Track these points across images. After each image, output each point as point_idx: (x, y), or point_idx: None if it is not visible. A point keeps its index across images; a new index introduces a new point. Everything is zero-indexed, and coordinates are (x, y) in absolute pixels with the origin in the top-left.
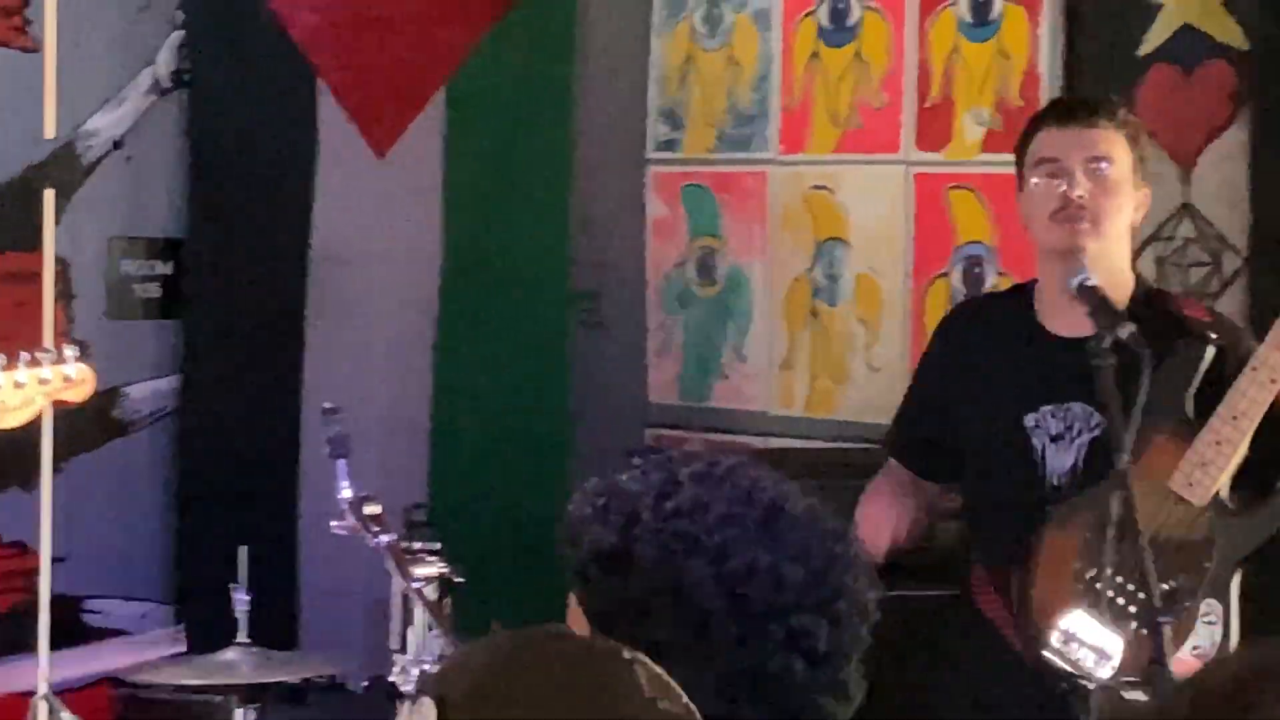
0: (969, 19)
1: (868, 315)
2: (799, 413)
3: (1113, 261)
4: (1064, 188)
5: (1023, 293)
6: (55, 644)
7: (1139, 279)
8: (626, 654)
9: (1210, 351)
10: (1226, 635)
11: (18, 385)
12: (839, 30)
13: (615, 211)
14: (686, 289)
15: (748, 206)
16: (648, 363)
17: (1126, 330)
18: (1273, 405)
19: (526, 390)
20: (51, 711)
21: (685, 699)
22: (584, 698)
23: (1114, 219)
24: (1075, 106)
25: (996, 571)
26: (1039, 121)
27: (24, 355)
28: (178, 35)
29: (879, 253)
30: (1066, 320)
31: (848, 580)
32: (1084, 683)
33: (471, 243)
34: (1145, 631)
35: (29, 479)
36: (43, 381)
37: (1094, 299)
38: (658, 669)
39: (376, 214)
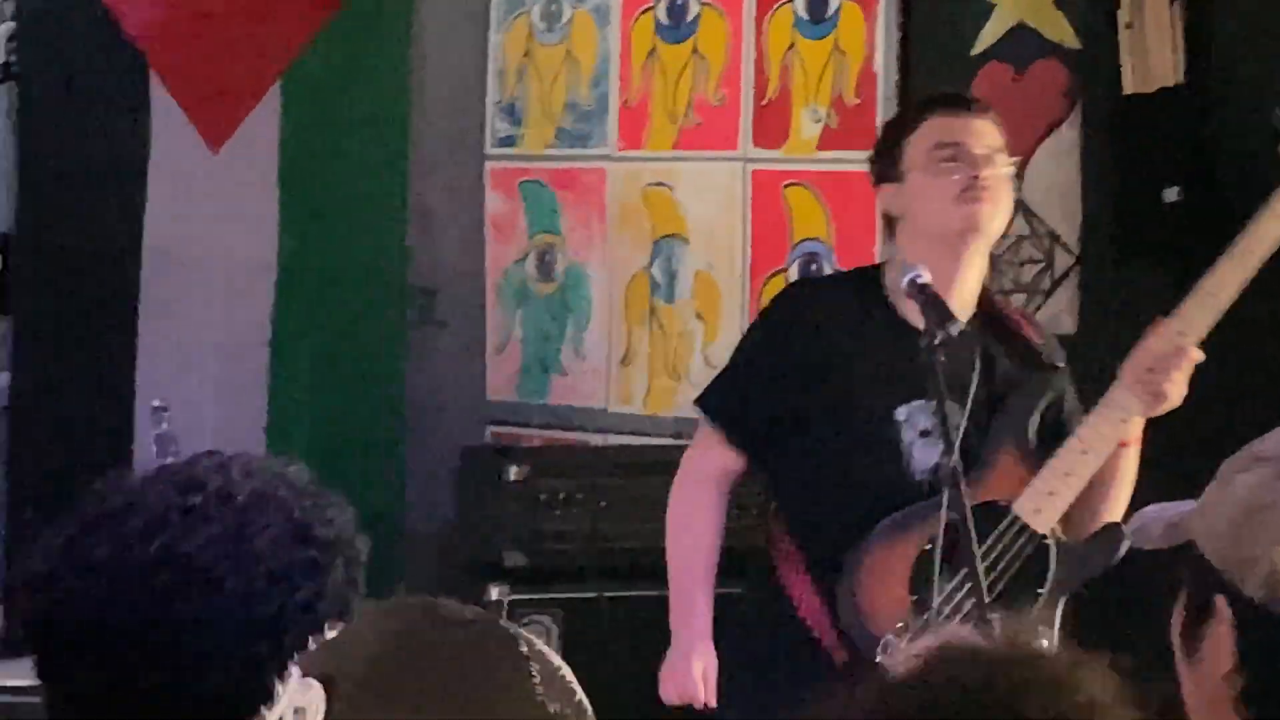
0: (805, 16)
1: (706, 312)
2: (638, 410)
3: (985, 257)
4: (969, 170)
5: (868, 279)
6: None
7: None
8: (522, 646)
9: (1059, 383)
10: None
11: None
12: (677, 26)
13: (453, 207)
14: (525, 286)
15: (586, 203)
16: (486, 360)
17: (956, 328)
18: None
19: (363, 388)
20: None
21: (579, 696)
22: (475, 700)
23: (1006, 206)
24: (964, 99)
25: (823, 568)
26: (923, 111)
27: None
28: (5, 27)
29: (717, 250)
30: None
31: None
32: None
33: (307, 239)
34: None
35: None
36: None
37: (925, 295)
38: (551, 660)
39: (210, 209)
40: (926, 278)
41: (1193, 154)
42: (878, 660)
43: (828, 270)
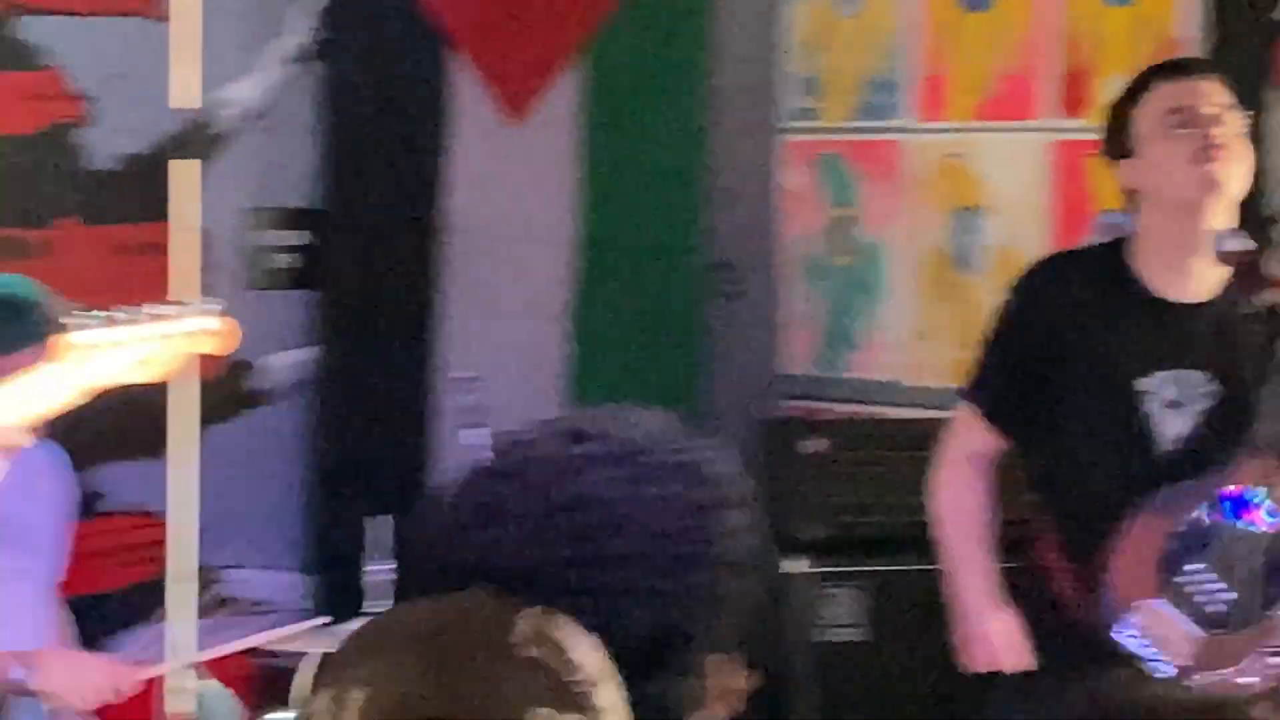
0: None
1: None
2: (935, 383)
3: (1228, 218)
4: (1201, 131)
5: (1113, 251)
6: (196, 614)
7: None
8: (525, 612)
9: None
10: None
11: (153, 338)
12: None
13: (749, 181)
14: (822, 259)
15: (884, 175)
16: (783, 334)
17: (1270, 299)
18: None
19: (661, 361)
20: (190, 681)
21: (574, 654)
22: (440, 646)
23: (1244, 165)
24: (1188, 61)
25: (1075, 540)
26: (1147, 81)
27: (160, 307)
28: (313, 4)
29: (1017, 221)
30: (1181, 282)
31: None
32: (1148, 669)
33: (605, 212)
34: (1231, 635)
35: (163, 449)
36: (186, 335)
37: (1242, 261)
38: (560, 618)
39: (510, 183)
40: (1239, 245)
41: None
42: (1114, 636)
43: None
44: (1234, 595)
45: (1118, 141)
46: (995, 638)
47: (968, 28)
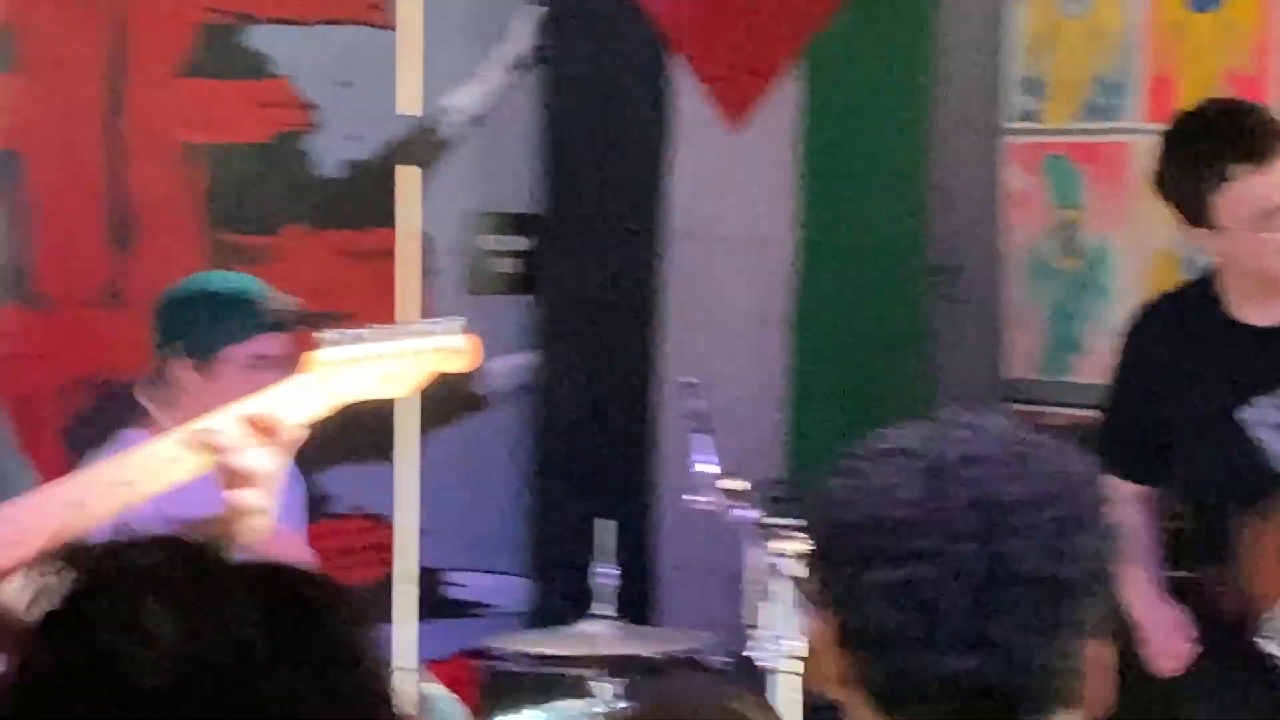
0: None
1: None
2: None
3: None
4: None
5: (1204, 286)
6: (419, 616)
7: None
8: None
9: None
10: None
11: (400, 355)
12: None
13: (970, 183)
14: (1047, 262)
15: (1111, 177)
16: (1007, 338)
17: None
18: None
19: (884, 366)
20: (416, 683)
21: None
22: None
23: None
24: (1259, 143)
25: (1211, 559)
26: (1220, 164)
27: (409, 325)
28: (535, 11)
29: None
30: (1265, 309)
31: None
32: None
33: (826, 216)
34: None
35: (390, 452)
36: (433, 352)
37: None
38: None
39: (730, 187)
40: None
41: None
42: (1255, 640)
43: None
44: None
45: (1190, 209)
46: (1168, 636)
47: (1195, 27)
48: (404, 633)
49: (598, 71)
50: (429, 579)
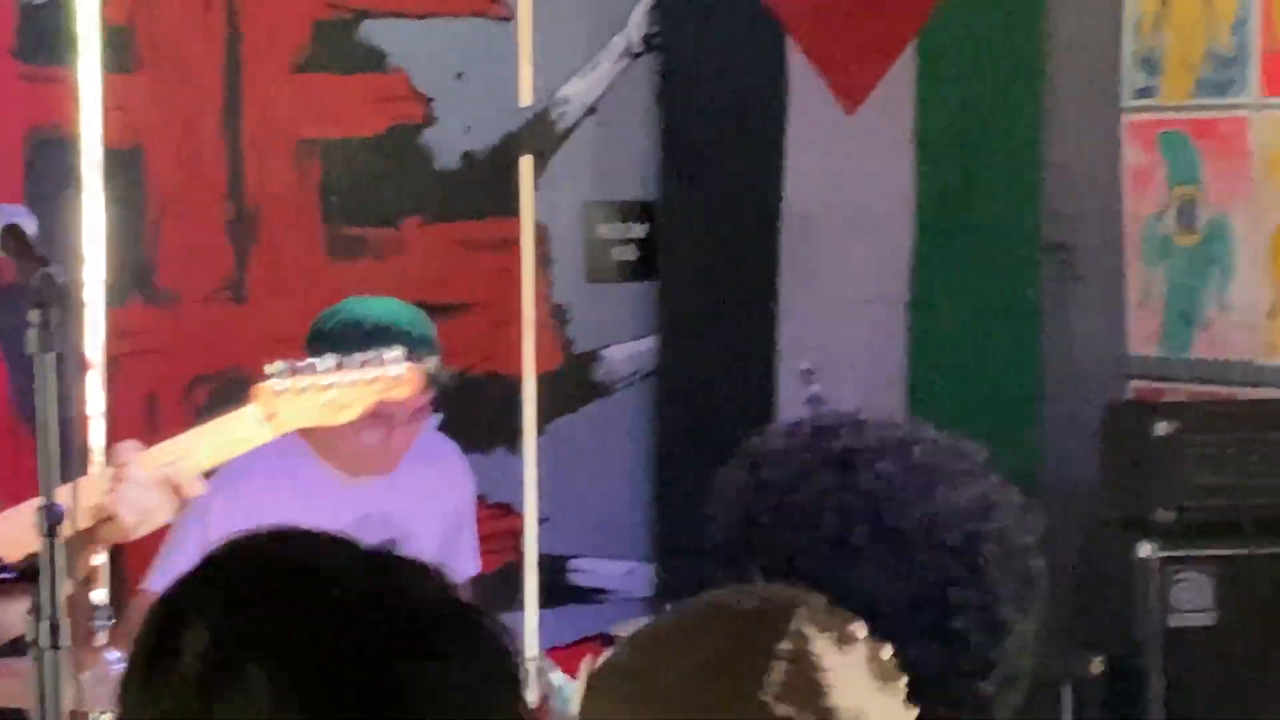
0: None
1: None
2: None
3: None
4: None
5: None
6: (543, 603)
7: None
8: (784, 643)
9: None
10: None
11: (350, 385)
12: None
13: (1089, 161)
14: (1165, 238)
15: (1229, 152)
16: (1127, 315)
17: None
18: None
19: (1002, 345)
20: (541, 670)
21: (830, 702)
22: (689, 694)
23: None
24: None
25: None
26: None
27: (356, 357)
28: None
29: None
30: None
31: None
32: None
33: (944, 196)
34: None
35: (515, 441)
36: (370, 381)
37: None
38: (815, 662)
39: (847, 170)
40: None
41: None
42: None
43: None
44: None
45: None
46: None
47: None
48: (528, 619)
49: (712, 57)
50: (552, 566)
